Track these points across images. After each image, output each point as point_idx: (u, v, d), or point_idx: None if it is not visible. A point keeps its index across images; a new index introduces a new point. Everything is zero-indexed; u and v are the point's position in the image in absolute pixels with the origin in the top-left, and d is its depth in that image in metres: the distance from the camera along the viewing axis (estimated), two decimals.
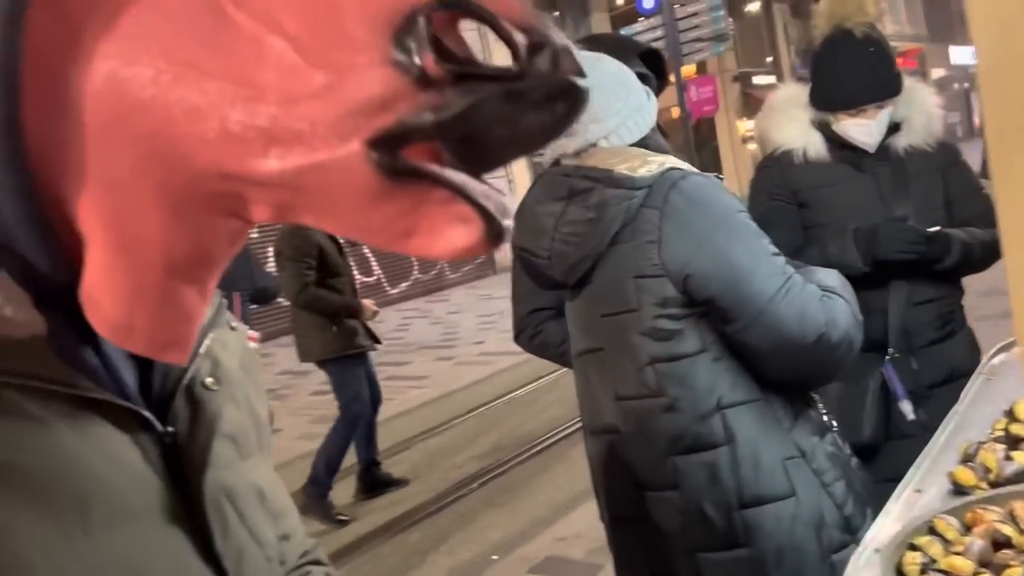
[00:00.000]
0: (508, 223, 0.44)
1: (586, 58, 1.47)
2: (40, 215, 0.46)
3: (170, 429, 0.55)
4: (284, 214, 0.46)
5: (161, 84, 0.41)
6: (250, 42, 0.40)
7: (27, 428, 0.46)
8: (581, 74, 0.41)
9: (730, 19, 11.17)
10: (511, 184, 14.16)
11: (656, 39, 10.16)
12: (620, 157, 1.40)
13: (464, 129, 0.40)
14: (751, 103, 20.47)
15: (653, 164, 1.37)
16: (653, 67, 1.89)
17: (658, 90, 1.74)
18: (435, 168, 0.42)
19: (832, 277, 1.42)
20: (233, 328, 0.69)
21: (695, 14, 10.73)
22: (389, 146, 0.40)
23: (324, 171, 0.41)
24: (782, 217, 2.01)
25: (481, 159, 0.43)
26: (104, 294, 0.47)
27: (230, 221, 0.47)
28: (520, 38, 0.39)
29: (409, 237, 0.44)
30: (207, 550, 0.55)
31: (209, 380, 0.60)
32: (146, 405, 0.54)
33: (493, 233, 0.43)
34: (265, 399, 0.73)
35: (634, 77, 1.50)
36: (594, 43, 1.98)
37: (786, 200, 2.04)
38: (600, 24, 17.21)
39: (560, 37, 0.40)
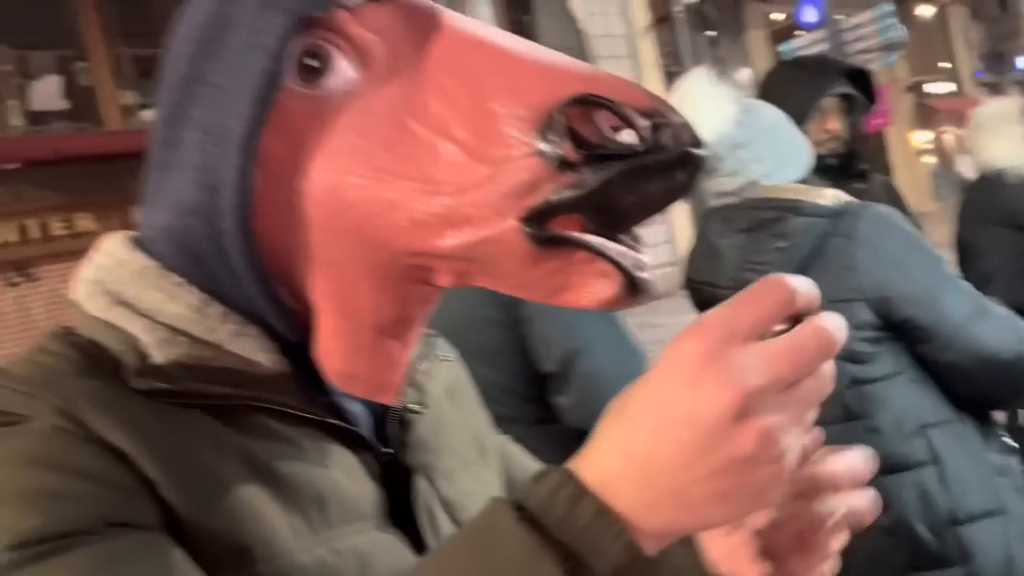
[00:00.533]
0: (644, 275, 0.51)
1: (747, 105, 1.58)
2: (273, 291, 0.58)
3: (388, 449, 0.64)
4: (463, 279, 0.56)
5: (365, 188, 0.53)
6: (427, 147, 0.52)
7: (278, 443, 0.57)
8: (697, 145, 0.49)
9: (901, 26, 10.56)
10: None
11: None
12: (790, 191, 1.47)
13: (599, 200, 0.49)
14: (925, 113, 19.23)
15: (828, 196, 1.45)
16: (860, 86, 1.85)
17: (866, 109, 1.75)
18: (577, 234, 0.50)
19: (999, 304, 1.46)
20: (445, 359, 0.78)
21: (858, 25, 10.25)
22: (538, 220, 0.50)
23: (489, 244, 0.51)
24: (997, 242, 1.89)
25: (616, 223, 0.51)
26: (332, 350, 0.59)
27: (422, 288, 0.58)
28: (641, 121, 0.47)
29: (562, 292, 0.52)
30: (421, 549, 0.62)
31: (415, 406, 0.68)
32: (369, 429, 0.64)
33: (630, 285, 0.51)
34: (482, 417, 0.81)
35: (788, 122, 1.58)
36: (799, 67, 1.97)
37: (1001, 223, 1.90)
38: (756, 41, 16.77)
39: (679, 115, 0.49)
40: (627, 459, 0.40)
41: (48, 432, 0.49)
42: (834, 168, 1.87)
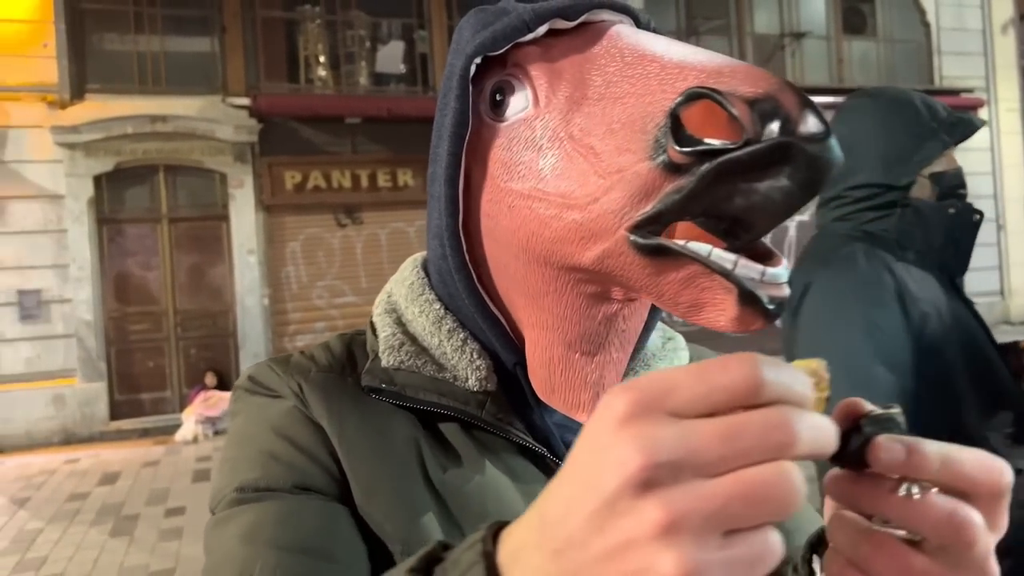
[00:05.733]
0: (765, 292, 0.45)
1: None
2: (490, 311, 0.63)
3: None
4: (626, 292, 0.56)
5: (526, 207, 0.56)
6: (570, 163, 0.53)
7: (463, 457, 0.61)
8: (814, 137, 0.41)
9: None
10: (1001, 228, 12.25)
11: None
12: None
13: (703, 204, 0.45)
14: None
15: None
16: None
17: None
18: (679, 243, 0.47)
19: None
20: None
21: None
22: (652, 229, 0.48)
23: (610, 256, 0.51)
24: None
25: (735, 230, 0.46)
26: (534, 363, 0.62)
27: (601, 304, 0.58)
28: (742, 110, 0.42)
29: (700, 310, 0.48)
30: None
31: None
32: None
33: (746, 300, 0.46)
34: None
35: None
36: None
37: None
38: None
39: (800, 102, 0.42)
40: (541, 527, 0.34)
41: (289, 409, 0.63)
42: None
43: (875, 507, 0.39)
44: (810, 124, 0.41)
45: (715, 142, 0.43)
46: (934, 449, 0.37)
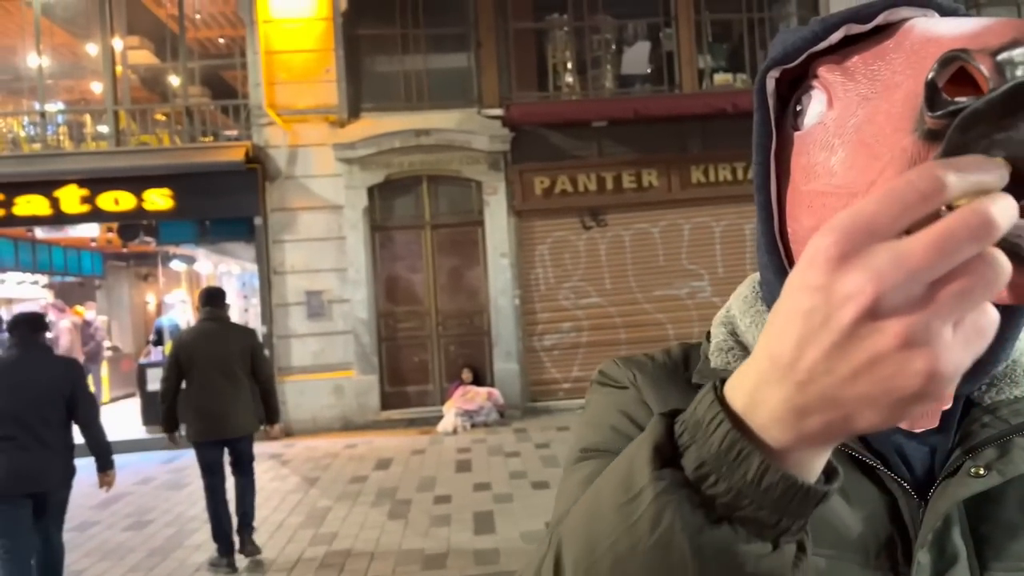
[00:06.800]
0: None
1: None
2: None
3: (918, 498, 0.61)
4: None
5: (819, 208, 0.58)
6: (856, 155, 0.53)
7: None
8: None
9: None
10: None
11: None
12: None
13: None
14: None
15: None
16: None
17: None
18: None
19: None
20: None
21: None
22: None
23: None
24: None
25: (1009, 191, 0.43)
26: None
27: None
28: (983, 62, 0.41)
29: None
30: None
31: (978, 469, 0.60)
32: (920, 473, 0.63)
33: (1015, 259, 0.41)
34: None
35: None
36: None
37: None
38: None
39: None
40: (775, 367, 0.39)
41: (629, 395, 0.74)
42: None
43: None
44: None
45: (965, 100, 0.42)
46: None
